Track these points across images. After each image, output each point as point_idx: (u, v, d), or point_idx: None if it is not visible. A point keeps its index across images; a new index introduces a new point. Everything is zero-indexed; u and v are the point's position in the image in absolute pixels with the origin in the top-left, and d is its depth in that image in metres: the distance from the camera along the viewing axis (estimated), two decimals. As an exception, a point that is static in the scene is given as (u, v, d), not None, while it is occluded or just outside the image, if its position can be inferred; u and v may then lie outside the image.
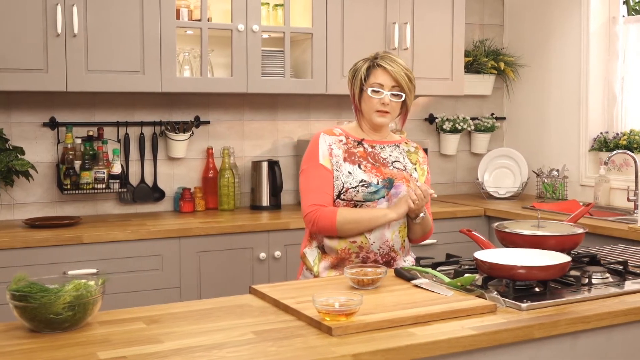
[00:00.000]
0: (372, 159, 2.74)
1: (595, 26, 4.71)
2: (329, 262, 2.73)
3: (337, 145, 2.73)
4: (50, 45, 3.64)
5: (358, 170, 2.70)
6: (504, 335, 1.94)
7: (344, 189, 2.68)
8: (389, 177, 2.71)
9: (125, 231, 3.62)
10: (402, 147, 2.85)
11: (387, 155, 2.78)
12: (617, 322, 2.13)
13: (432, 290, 2.26)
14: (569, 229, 2.70)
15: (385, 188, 2.70)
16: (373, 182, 2.69)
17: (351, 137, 2.78)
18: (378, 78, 2.72)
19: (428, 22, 4.56)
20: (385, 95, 2.71)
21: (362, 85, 2.73)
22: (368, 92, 2.71)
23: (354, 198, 2.68)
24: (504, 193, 4.93)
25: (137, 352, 1.77)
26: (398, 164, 2.77)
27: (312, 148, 2.75)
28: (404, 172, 2.76)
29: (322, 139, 2.74)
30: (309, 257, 2.77)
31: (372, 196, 2.68)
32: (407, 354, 1.81)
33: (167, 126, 4.25)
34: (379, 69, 2.72)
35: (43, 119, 4.04)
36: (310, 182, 2.70)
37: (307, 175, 2.73)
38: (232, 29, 4.02)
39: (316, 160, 2.71)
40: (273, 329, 1.95)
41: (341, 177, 2.69)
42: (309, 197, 2.69)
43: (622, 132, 4.61)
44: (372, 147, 2.78)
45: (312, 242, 2.78)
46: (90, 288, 1.98)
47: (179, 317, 2.08)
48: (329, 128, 2.81)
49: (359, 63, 2.79)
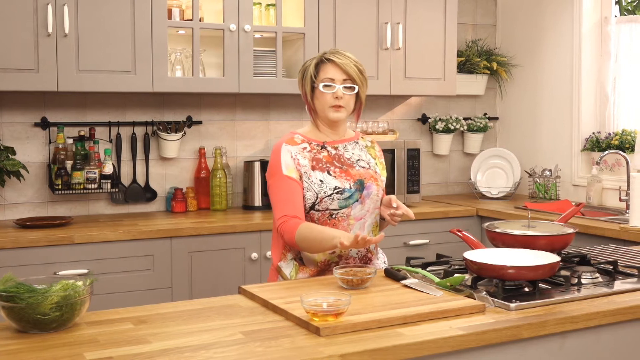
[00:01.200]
0: (339, 162, 2.69)
1: (588, 26, 4.72)
2: (307, 274, 2.66)
3: (302, 155, 2.66)
4: (41, 45, 3.63)
5: (329, 177, 2.64)
6: (491, 335, 1.94)
7: (318, 199, 2.62)
8: (359, 179, 2.67)
9: (116, 231, 3.62)
10: (361, 143, 2.81)
11: (350, 155, 2.73)
12: (605, 322, 2.13)
13: (422, 291, 2.25)
14: (559, 229, 2.70)
15: (358, 191, 2.66)
16: (346, 188, 2.64)
17: (313, 142, 2.70)
18: (328, 72, 2.65)
19: (420, 22, 4.56)
20: (338, 88, 2.64)
21: (312, 82, 2.67)
22: (320, 87, 2.64)
23: (329, 207, 2.62)
24: (497, 193, 4.94)
25: (125, 352, 1.76)
26: (362, 162, 2.73)
27: (275, 160, 2.66)
28: (369, 170, 2.73)
29: (284, 150, 2.66)
30: (285, 270, 2.69)
31: (346, 202, 2.63)
32: (394, 354, 1.81)
33: (159, 126, 4.25)
34: (328, 63, 2.67)
35: (34, 119, 4.03)
36: (277, 195, 2.63)
37: (273, 189, 2.65)
38: (224, 29, 4.02)
39: (280, 173, 2.63)
40: (261, 329, 1.95)
41: (313, 187, 2.62)
42: (278, 209, 2.62)
43: (614, 132, 4.62)
44: (335, 149, 2.72)
45: (286, 254, 2.70)
46: (77, 288, 1.97)
47: (168, 318, 2.07)
48: (290, 136, 2.72)
49: (307, 62, 2.73)
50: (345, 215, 2.65)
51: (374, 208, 2.72)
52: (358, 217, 2.67)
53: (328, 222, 2.64)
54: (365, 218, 2.69)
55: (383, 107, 4.96)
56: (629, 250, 2.97)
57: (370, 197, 2.69)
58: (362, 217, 2.68)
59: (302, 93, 2.74)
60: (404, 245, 4.28)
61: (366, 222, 2.70)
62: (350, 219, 2.66)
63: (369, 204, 2.70)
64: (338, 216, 2.64)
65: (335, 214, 2.64)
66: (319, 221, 2.64)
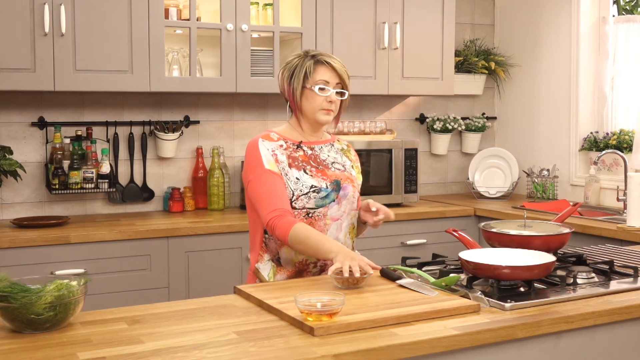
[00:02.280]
0: (315, 162, 2.66)
1: (586, 26, 4.72)
2: (285, 275, 2.63)
3: (280, 151, 2.62)
4: (38, 45, 3.63)
5: (305, 175, 2.61)
6: (486, 335, 1.93)
7: (295, 196, 2.58)
8: (335, 180, 2.65)
9: (113, 231, 3.61)
10: (337, 146, 2.77)
11: (325, 157, 2.70)
12: (600, 322, 2.12)
13: (417, 290, 2.25)
14: (555, 228, 2.70)
15: (335, 191, 2.63)
16: (323, 187, 2.61)
17: (289, 141, 2.66)
18: (324, 75, 2.62)
19: (418, 21, 4.55)
20: (332, 92, 2.62)
21: (304, 82, 2.62)
22: (315, 89, 2.59)
23: (305, 205, 2.59)
24: (495, 193, 4.93)
25: (117, 352, 1.76)
26: (337, 165, 2.70)
27: (254, 155, 2.61)
28: (344, 172, 2.70)
29: (261, 145, 2.61)
30: (263, 271, 2.65)
31: (323, 201, 2.61)
32: (388, 354, 1.80)
33: (157, 126, 4.24)
34: (324, 65, 2.63)
35: (32, 118, 4.03)
36: (261, 190, 2.55)
37: (255, 184, 2.58)
38: (221, 29, 4.01)
39: (261, 167, 2.57)
40: (255, 329, 1.94)
41: (290, 184, 2.58)
42: (266, 204, 2.53)
43: (612, 132, 4.62)
44: (311, 149, 2.69)
45: (263, 255, 2.66)
46: (72, 288, 1.97)
47: (162, 318, 2.07)
48: (265, 133, 2.68)
49: (295, 60, 2.66)
50: (322, 214, 2.61)
51: (350, 209, 2.69)
52: (335, 217, 2.64)
53: (305, 221, 2.58)
54: (342, 219, 2.67)
55: (381, 107, 4.96)
56: (626, 250, 2.97)
57: (346, 198, 2.67)
58: (338, 217, 2.65)
59: (288, 91, 2.66)
60: (401, 245, 4.27)
61: (343, 224, 2.67)
62: (327, 218, 2.62)
63: (346, 204, 2.67)
64: (315, 215, 2.60)
65: (312, 213, 2.60)
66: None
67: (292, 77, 2.65)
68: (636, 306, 2.19)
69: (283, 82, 2.69)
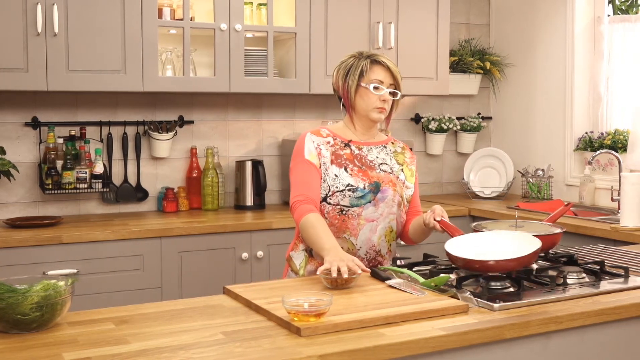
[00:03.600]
0: (359, 162, 2.71)
1: (581, 26, 4.71)
2: (314, 266, 2.68)
3: (325, 147, 2.70)
4: (31, 45, 3.62)
5: (344, 173, 2.66)
6: (473, 335, 1.93)
7: (331, 192, 2.65)
8: (375, 181, 2.68)
9: (105, 231, 3.61)
10: (389, 148, 2.82)
11: (374, 158, 2.74)
12: (590, 323, 2.11)
13: (406, 291, 2.24)
14: (546, 228, 2.69)
15: (372, 193, 2.67)
16: (359, 187, 2.65)
17: (339, 138, 2.74)
18: (379, 74, 2.69)
19: (412, 21, 4.55)
20: (386, 92, 2.69)
21: (359, 81, 2.69)
22: (370, 87, 2.66)
23: (340, 202, 2.65)
24: (490, 193, 4.93)
25: (103, 352, 1.75)
26: (385, 167, 2.74)
27: (299, 146, 2.71)
28: (390, 174, 2.73)
29: (308, 138, 2.71)
30: (295, 260, 2.74)
31: (358, 201, 2.65)
32: (375, 355, 1.80)
33: (151, 126, 4.24)
34: (379, 65, 2.70)
35: (25, 118, 4.02)
36: (297, 177, 2.67)
37: (294, 171, 2.69)
38: (215, 29, 4.01)
39: (302, 156, 2.68)
40: (242, 330, 1.94)
41: (328, 179, 2.66)
42: (295, 189, 2.65)
43: (606, 132, 4.61)
44: (359, 149, 2.74)
45: (298, 245, 2.75)
46: (59, 288, 1.96)
47: (149, 318, 2.06)
48: (316, 129, 2.77)
49: (350, 60, 2.73)
50: (356, 214, 2.66)
51: (388, 213, 2.71)
52: (370, 218, 2.68)
53: (338, 218, 2.65)
54: (378, 221, 2.69)
55: (376, 107, 4.95)
56: (617, 251, 2.96)
57: (384, 200, 2.69)
58: (374, 219, 2.68)
59: (343, 88, 2.72)
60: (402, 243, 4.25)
61: (378, 226, 2.70)
62: (361, 219, 2.66)
63: (383, 207, 2.70)
64: (348, 213, 2.65)
65: (345, 211, 2.65)
66: (329, 215, 2.66)
67: (347, 75, 2.72)
68: (625, 307, 2.18)
69: (338, 80, 2.76)
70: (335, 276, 2.27)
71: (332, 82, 2.80)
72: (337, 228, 2.65)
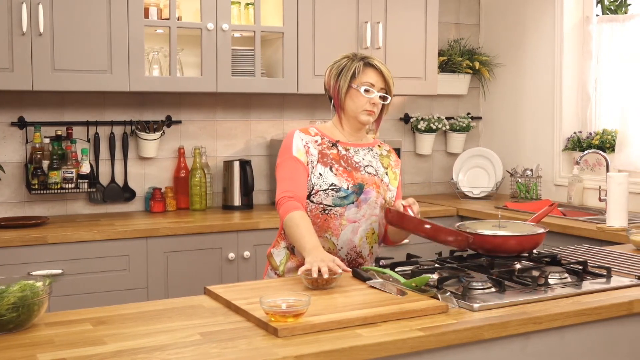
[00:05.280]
0: (345, 163, 2.71)
1: (569, 25, 4.71)
2: (295, 263, 2.70)
3: (313, 146, 2.70)
4: (16, 44, 3.61)
5: (329, 173, 2.67)
6: (451, 336, 1.92)
7: (314, 190, 2.66)
8: (359, 183, 2.69)
9: (91, 231, 3.60)
10: (375, 151, 2.82)
11: (360, 159, 2.75)
12: (569, 323, 2.11)
13: (387, 291, 2.24)
14: (529, 228, 2.69)
15: (355, 194, 2.67)
16: (343, 187, 2.66)
17: (326, 138, 2.74)
18: (371, 78, 2.68)
19: (401, 21, 4.54)
20: (376, 95, 2.69)
21: (350, 82, 2.69)
22: (361, 90, 2.66)
23: (323, 202, 2.65)
24: (479, 193, 4.93)
25: (78, 354, 1.75)
26: (370, 169, 2.75)
27: (287, 143, 2.72)
28: (375, 177, 2.74)
29: (297, 136, 2.72)
30: (276, 257, 2.75)
31: (341, 201, 2.66)
32: (351, 356, 1.79)
33: (138, 125, 4.23)
34: (371, 68, 2.70)
35: (11, 118, 4.01)
36: (284, 173, 2.67)
37: (280, 167, 2.70)
38: (202, 28, 4.00)
39: (289, 153, 2.68)
40: (220, 330, 1.93)
41: (313, 178, 2.67)
42: (281, 186, 2.65)
43: (595, 132, 4.61)
44: (346, 150, 2.74)
45: (280, 242, 2.75)
46: (36, 289, 1.95)
47: (128, 318, 2.05)
48: (305, 127, 2.78)
49: (344, 60, 2.73)
50: (339, 214, 2.66)
51: (370, 214, 2.71)
52: (352, 219, 2.68)
53: (320, 217, 2.66)
54: (360, 222, 2.69)
55: (365, 107, 4.94)
56: (602, 251, 2.96)
57: (367, 202, 2.70)
58: (356, 220, 2.68)
59: (334, 88, 2.72)
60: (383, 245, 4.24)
61: (360, 227, 2.70)
62: (343, 219, 2.66)
63: (366, 209, 2.70)
64: (331, 213, 2.66)
65: (328, 210, 2.66)
66: (312, 213, 2.66)
67: (339, 76, 2.72)
68: (606, 307, 2.18)
69: (329, 79, 2.76)
70: (316, 277, 2.26)
71: (324, 81, 2.80)
72: (319, 227, 2.65)
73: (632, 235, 3.04)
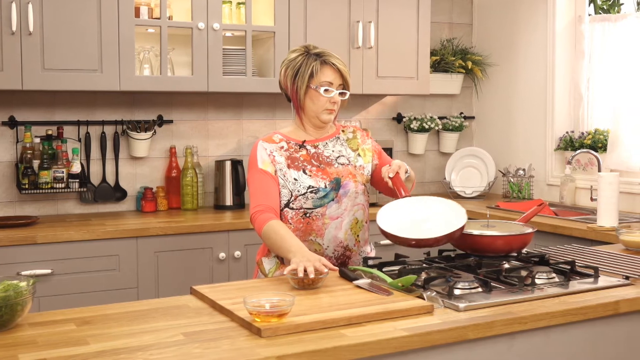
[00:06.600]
0: (317, 161, 2.69)
1: (562, 25, 4.71)
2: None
3: (279, 153, 2.67)
4: (5, 44, 3.60)
5: (304, 176, 2.65)
6: (436, 336, 1.91)
7: (293, 197, 2.64)
8: (335, 177, 2.67)
9: (80, 231, 3.58)
10: (342, 137, 2.80)
11: (330, 153, 2.73)
12: (555, 323, 2.10)
13: (373, 291, 2.23)
14: (518, 228, 2.69)
15: (334, 190, 2.66)
16: (321, 187, 2.64)
17: (292, 141, 2.71)
18: (328, 76, 2.66)
19: (393, 20, 4.53)
20: (335, 93, 2.67)
21: (309, 82, 2.65)
22: (320, 90, 2.64)
23: (303, 206, 2.64)
24: (471, 192, 4.92)
25: (60, 354, 1.74)
26: (342, 159, 2.73)
27: (252, 156, 2.69)
28: (348, 166, 2.72)
29: (260, 146, 2.68)
30: (266, 265, 2.72)
31: (321, 201, 2.64)
32: (335, 356, 1.78)
33: (129, 125, 4.22)
34: (328, 66, 2.66)
35: (2, 117, 4.00)
36: (254, 187, 2.64)
37: (250, 183, 2.67)
38: (193, 27, 3.99)
39: (255, 166, 2.65)
40: (204, 330, 1.92)
41: (288, 185, 2.64)
42: (254, 200, 2.62)
43: (587, 132, 4.61)
44: (315, 147, 2.72)
45: (270, 251, 2.71)
46: (19, 289, 1.94)
47: (112, 319, 2.05)
48: (268, 135, 2.74)
49: (299, 58, 2.68)
50: (320, 214, 2.65)
51: (352, 205, 2.70)
52: (334, 216, 2.67)
53: (302, 221, 2.64)
54: (342, 217, 2.68)
55: (357, 106, 4.94)
56: (591, 250, 2.96)
57: (347, 195, 2.68)
58: (338, 216, 2.67)
59: (292, 89, 2.68)
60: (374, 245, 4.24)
61: (343, 221, 2.69)
62: (326, 218, 2.65)
63: (346, 202, 2.69)
64: (312, 215, 2.64)
65: (309, 213, 2.64)
66: (293, 220, 2.64)
67: (296, 76, 2.67)
68: (592, 307, 2.17)
69: (286, 80, 2.71)
70: (302, 276, 2.26)
71: (279, 80, 2.75)
72: (302, 232, 2.64)
73: (621, 235, 3.04)
